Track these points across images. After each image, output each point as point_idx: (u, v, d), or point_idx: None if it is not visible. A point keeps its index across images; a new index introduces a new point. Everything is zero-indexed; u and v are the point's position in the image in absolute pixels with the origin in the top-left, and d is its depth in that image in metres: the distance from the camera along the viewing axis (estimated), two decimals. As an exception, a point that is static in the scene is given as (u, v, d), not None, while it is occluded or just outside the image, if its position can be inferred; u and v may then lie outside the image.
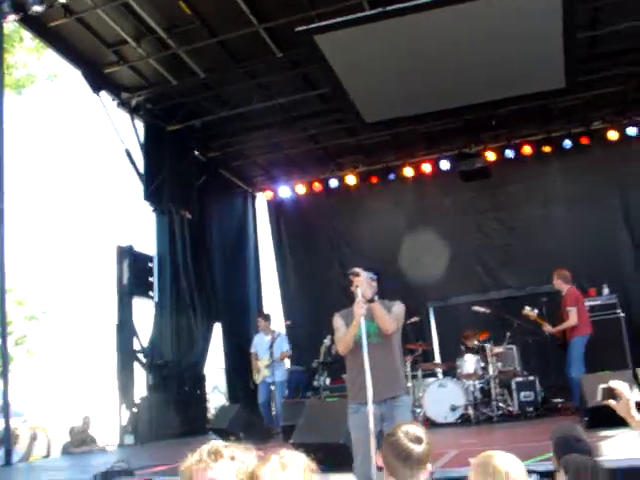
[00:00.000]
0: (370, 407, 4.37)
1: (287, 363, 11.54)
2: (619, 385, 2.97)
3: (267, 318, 11.25)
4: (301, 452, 2.33)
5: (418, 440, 2.83)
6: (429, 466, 2.85)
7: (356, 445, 4.68)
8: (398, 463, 2.79)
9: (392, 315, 4.84)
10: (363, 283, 4.71)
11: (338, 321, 4.97)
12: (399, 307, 4.96)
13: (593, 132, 12.56)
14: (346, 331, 4.81)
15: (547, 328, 9.38)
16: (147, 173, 11.56)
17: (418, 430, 2.89)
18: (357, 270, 4.75)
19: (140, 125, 11.74)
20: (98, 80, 10.76)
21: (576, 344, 8.96)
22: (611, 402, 2.98)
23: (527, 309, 9.44)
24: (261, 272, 15.16)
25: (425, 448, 2.83)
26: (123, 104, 11.38)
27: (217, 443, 2.30)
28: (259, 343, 10.89)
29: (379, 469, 3.11)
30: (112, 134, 11.28)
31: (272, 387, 10.67)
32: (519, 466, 2.78)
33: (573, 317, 9.01)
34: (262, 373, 10.65)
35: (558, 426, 4.59)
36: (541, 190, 13.03)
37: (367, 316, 4.69)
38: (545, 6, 8.68)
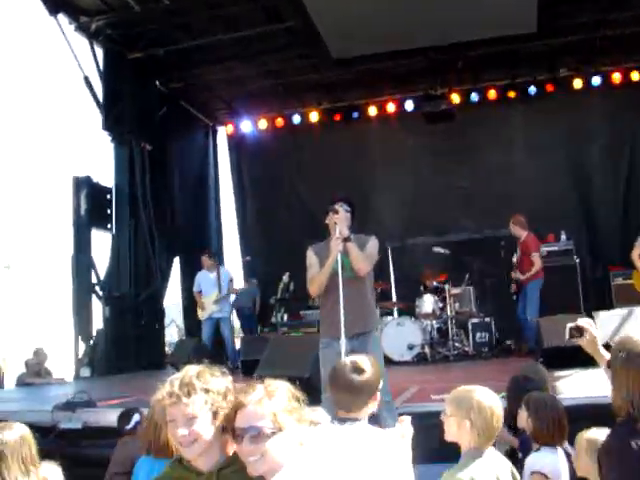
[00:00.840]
0: (343, 341, 4.40)
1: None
2: (586, 323, 3.02)
3: (212, 255, 11.14)
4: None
5: (358, 370, 2.84)
6: (377, 395, 2.87)
7: (326, 379, 4.73)
8: (343, 394, 2.83)
9: (366, 253, 4.85)
10: (342, 220, 4.70)
11: (312, 257, 4.94)
12: (373, 244, 4.96)
13: (559, 79, 12.59)
14: (319, 270, 4.80)
15: (518, 275, 9.52)
16: (106, 102, 11.18)
17: (362, 361, 2.90)
18: (337, 207, 4.72)
19: (100, 52, 11.28)
20: (55, 1, 10.25)
21: (534, 288, 9.17)
22: (579, 340, 3.03)
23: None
24: (221, 207, 15.02)
25: (367, 377, 2.84)
26: (82, 28, 10.85)
27: (190, 373, 2.23)
28: (204, 280, 10.74)
29: None
30: (70, 60, 10.88)
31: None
32: (498, 400, 2.85)
33: (538, 262, 9.22)
34: (209, 309, 10.53)
35: (525, 366, 4.72)
36: (504, 135, 13.09)
37: (341, 252, 4.70)
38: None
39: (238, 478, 2.17)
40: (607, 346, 3.02)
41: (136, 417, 4.51)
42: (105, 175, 11.70)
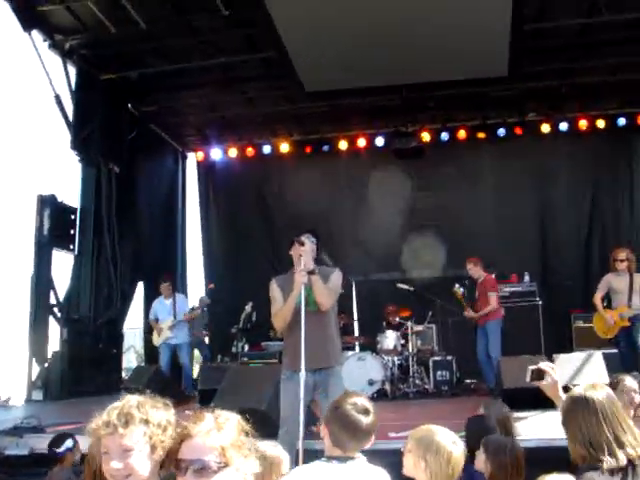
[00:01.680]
0: (302, 374, 4.34)
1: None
2: (548, 367, 3.03)
3: (169, 282, 11.08)
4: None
5: (366, 412, 2.82)
6: (373, 437, 2.85)
7: (285, 412, 4.65)
8: (346, 435, 2.77)
9: (330, 287, 4.81)
10: (308, 253, 4.66)
11: (275, 290, 4.88)
12: (337, 277, 4.93)
13: (527, 123, 12.84)
14: (284, 304, 4.74)
15: (469, 313, 9.57)
16: (76, 121, 11.05)
17: (365, 402, 2.87)
18: (303, 239, 4.69)
19: (72, 71, 11.19)
20: (30, 17, 10.10)
21: (495, 327, 9.21)
22: (539, 383, 3.04)
23: (456, 286, 9.63)
24: (187, 233, 14.92)
25: (372, 419, 2.82)
26: (55, 46, 10.76)
27: (130, 402, 2.12)
28: (160, 308, 10.76)
29: (315, 436, 3.08)
30: (41, 77, 10.75)
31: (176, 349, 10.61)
32: (460, 446, 2.80)
33: (494, 301, 9.27)
34: (164, 335, 10.50)
35: (487, 405, 4.70)
36: (471, 175, 13.25)
37: (305, 284, 4.65)
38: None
39: None
40: (566, 388, 3.02)
41: (68, 443, 4.38)
42: (70, 195, 11.55)
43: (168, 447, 2.09)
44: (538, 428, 5.53)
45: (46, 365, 10.38)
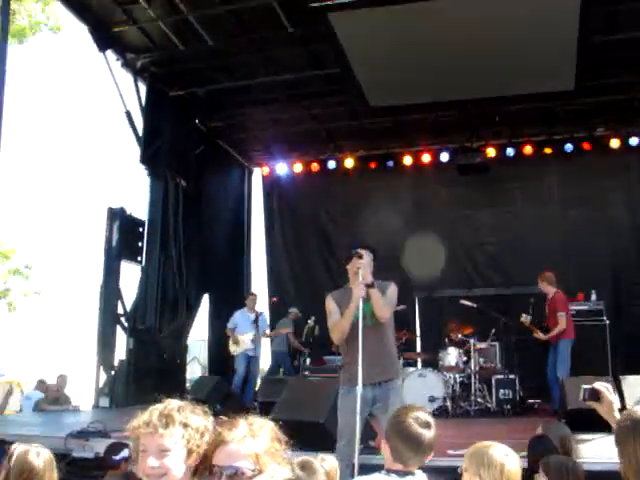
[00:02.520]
0: (359, 389, 4.34)
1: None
2: (602, 386, 2.95)
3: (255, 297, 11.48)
4: (279, 426, 2.23)
5: (428, 425, 2.80)
6: (432, 452, 2.84)
7: (343, 426, 4.65)
8: (408, 449, 2.76)
9: (387, 299, 4.81)
10: (366, 267, 4.67)
11: (331, 304, 4.88)
12: (393, 290, 4.92)
13: (595, 138, 12.57)
14: (341, 317, 4.75)
15: (539, 336, 9.39)
16: (146, 136, 11.41)
17: (427, 416, 2.86)
18: (361, 252, 4.70)
19: (143, 88, 11.57)
20: (105, 38, 10.56)
21: (564, 347, 9.01)
22: (594, 404, 2.95)
23: (523, 316, 9.49)
24: (252, 247, 15.11)
25: (434, 434, 2.81)
26: (127, 65, 11.19)
27: (171, 405, 2.16)
28: (242, 319, 11.07)
29: (373, 451, 3.08)
30: (114, 94, 11.13)
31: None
32: (514, 459, 2.75)
33: (563, 322, 9.08)
34: (244, 345, 10.80)
35: (547, 425, 4.61)
36: (538, 191, 13.05)
37: (363, 297, 4.66)
38: (562, 6, 8.62)
39: None
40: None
41: (125, 452, 4.48)
42: (139, 208, 11.87)
43: (203, 453, 2.12)
44: (601, 451, 5.37)
45: (113, 373, 10.65)
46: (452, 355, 10.06)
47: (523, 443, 4.29)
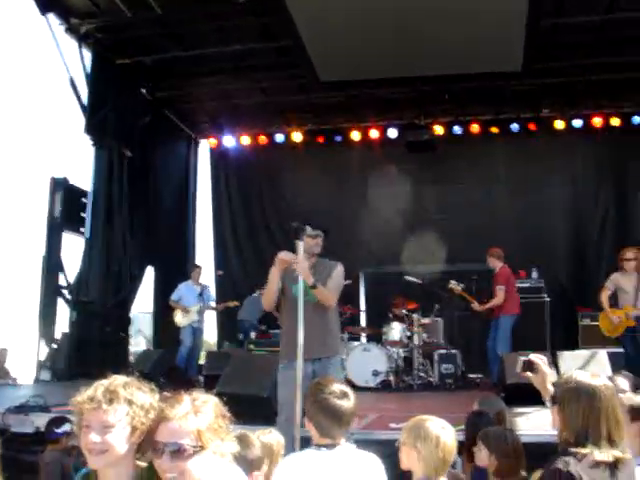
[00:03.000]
0: (300, 363, 4.36)
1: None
2: (538, 358, 3.06)
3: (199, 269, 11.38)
4: (223, 401, 2.23)
5: (345, 396, 2.84)
6: (356, 419, 2.89)
7: (283, 402, 4.68)
8: (331, 423, 2.79)
9: (332, 282, 4.83)
10: (305, 268, 4.64)
11: (272, 271, 4.88)
12: (339, 273, 4.95)
13: (541, 119, 12.79)
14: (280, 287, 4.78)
15: (474, 305, 9.58)
16: (90, 105, 11.09)
17: (342, 387, 2.90)
18: (312, 233, 4.72)
19: (87, 55, 11.23)
20: (47, 0, 10.20)
21: (505, 322, 9.20)
22: (529, 374, 3.07)
23: (452, 283, 9.63)
24: (197, 220, 14.98)
25: (353, 402, 2.85)
26: (71, 30, 10.79)
27: (117, 381, 2.14)
28: (187, 291, 10.97)
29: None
30: (57, 60, 10.80)
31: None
32: (450, 432, 2.83)
33: (500, 296, 9.24)
34: (191, 317, 10.74)
35: (482, 400, 4.72)
36: (484, 169, 13.23)
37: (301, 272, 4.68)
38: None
39: None
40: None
41: (66, 427, 4.43)
42: (83, 178, 11.62)
43: (147, 429, 2.12)
44: (536, 423, 5.54)
45: (54, 346, 10.48)
46: (396, 330, 10.20)
47: (463, 417, 4.39)
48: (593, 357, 7.20)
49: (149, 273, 12.81)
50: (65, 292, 10.83)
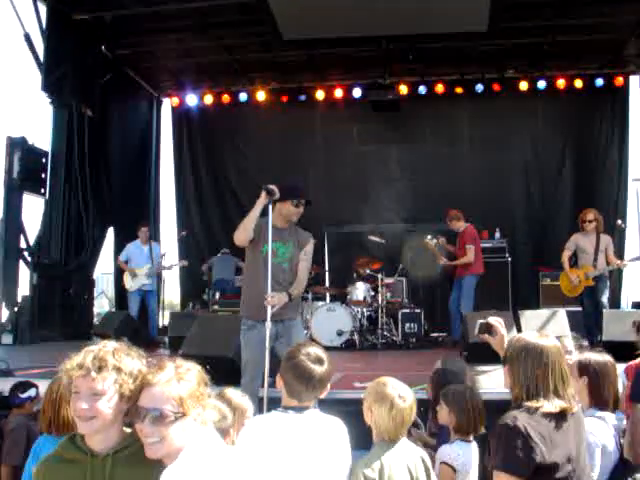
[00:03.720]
0: (268, 323, 4.38)
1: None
2: (496, 321, 3.12)
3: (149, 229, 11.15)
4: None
5: (320, 361, 2.85)
6: (328, 386, 2.90)
7: (249, 362, 4.69)
8: (300, 384, 2.81)
9: (307, 264, 4.92)
10: (280, 299, 4.61)
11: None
12: (311, 248, 5.00)
13: (505, 80, 12.81)
14: (254, 234, 4.73)
15: (443, 262, 9.63)
16: (47, 62, 10.79)
17: (319, 351, 2.90)
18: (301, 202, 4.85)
19: (43, 10, 10.88)
20: (-2, -47, 9.87)
21: (469, 281, 9.30)
22: (487, 336, 3.13)
23: (428, 238, 9.61)
24: (160, 180, 14.78)
25: (326, 368, 2.86)
26: (25, -17, 10.50)
27: (106, 347, 2.15)
28: (136, 252, 10.69)
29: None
30: (10, 15, 10.46)
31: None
32: (407, 394, 2.88)
33: (470, 254, 9.30)
34: (139, 280, 10.50)
35: (444, 359, 4.80)
36: (448, 129, 13.28)
37: (279, 239, 4.68)
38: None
39: (134, 461, 2.11)
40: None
41: (31, 392, 4.39)
42: (42, 138, 11.36)
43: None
44: (499, 382, 5.64)
45: (16, 309, 10.34)
46: (360, 290, 10.26)
47: (426, 375, 4.47)
48: (553, 316, 7.35)
49: (110, 234, 12.64)
50: (26, 254, 10.66)
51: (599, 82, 12.57)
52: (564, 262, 8.61)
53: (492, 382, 5.64)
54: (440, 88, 12.89)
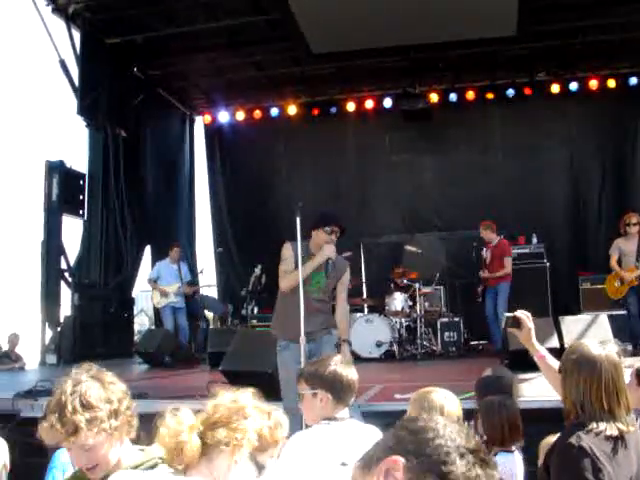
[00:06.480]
0: (302, 340, 4.41)
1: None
2: (522, 314, 3.10)
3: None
4: (228, 378, 2.23)
5: (349, 367, 2.91)
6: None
7: (285, 383, 4.70)
8: (345, 391, 2.85)
9: (345, 295, 5.04)
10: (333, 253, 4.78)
11: (289, 251, 4.90)
12: (347, 276, 5.11)
13: (536, 83, 12.69)
14: (295, 270, 4.78)
15: (484, 274, 9.64)
16: (82, 86, 11.00)
17: (343, 360, 2.97)
18: (333, 238, 4.86)
19: (77, 35, 11.10)
20: (31, -20, 10.09)
21: (506, 289, 9.33)
22: (515, 330, 3.11)
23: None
24: (195, 197, 14.91)
25: (356, 374, 2.97)
26: (59, 10, 10.66)
27: (69, 404, 2.04)
28: (167, 271, 11.00)
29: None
30: (46, 42, 10.70)
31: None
32: (454, 401, 2.87)
33: (509, 265, 9.42)
34: (169, 298, 10.76)
35: (493, 368, 4.75)
36: (480, 136, 13.19)
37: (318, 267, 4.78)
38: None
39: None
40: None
41: None
42: (79, 160, 11.56)
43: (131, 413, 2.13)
44: (542, 390, 5.57)
45: (59, 330, 10.52)
46: (398, 300, 10.23)
47: (469, 385, 4.43)
48: (594, 321, 7.24)
49: (147, 252, 12.81)
50: (67, 275, 10.85)
51: (633, 81, 12.34)
52: (614, 266, 8.58)
53: (534, 390, 5.56)
54: (471, 95, 12.82)
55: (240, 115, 13.98)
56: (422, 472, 1.15)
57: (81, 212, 11.32)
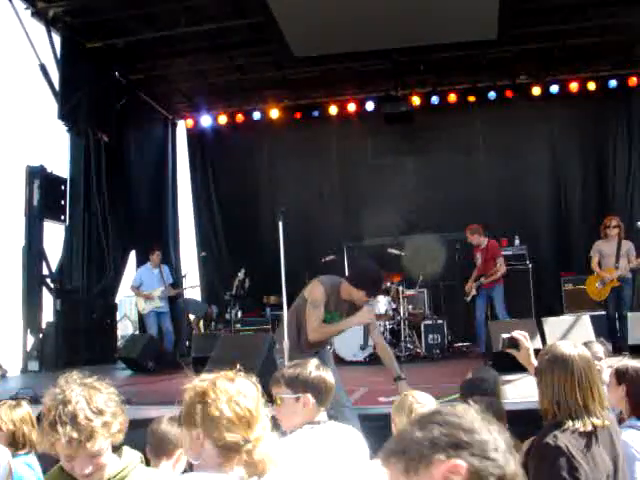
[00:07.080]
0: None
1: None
2: (520, 335, 3.09)
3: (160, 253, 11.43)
4: None
5: (323, 368, 2.92)
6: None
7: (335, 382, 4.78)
8: (319, 397, 2.85)
9: (374, 327, 5.36)
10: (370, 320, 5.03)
11: (321, 296, 4.89)
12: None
13: (518, 86, 12.78)
14: (327, 325, 4.94)
15: (484, 279, 9.61)
16: (63, 91, 10.88)
17: (317, 361, 2.99)
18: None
19: (57, 39, 11.02)
20: (10, -18, 9.98)
21: (501, 291, 9.40)
22: (512, 351, 3.11)
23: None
24: (178, 201, 14.86)
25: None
26: (38, 14, 10.55)
27: (82, 413, 2.05)
28: (149, 276, 11.06)
29: None
30: (25, 46, 10.58)
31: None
32: (427, 399, 2.88)
33: (503, 266, 9.47)
34: (154, 303, 10.81)
35: (476, 369, 4.76)
36: (463, 139, 13.24)
37: (338, 309, 4.91)
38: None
39: None
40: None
41: None
42: (60, 165, 11.47)
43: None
44: (526, 392, 5.60)
45: (40, 336, 10.42)
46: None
47: (452, 387, 4.44)
48: (577, 322, 7.29)
49: (132, 258, 12.74)
50: (49, 281, 10.75)
51: (612, 83, 12.45)
52: (595, 268, 8.69)
53: (518, 392, 5.59)
54: (453, 97, 12.87)
55: (222, 119, 13.95)
56: (485, 476, 1.16)
57: (63, 217, 11.21)
